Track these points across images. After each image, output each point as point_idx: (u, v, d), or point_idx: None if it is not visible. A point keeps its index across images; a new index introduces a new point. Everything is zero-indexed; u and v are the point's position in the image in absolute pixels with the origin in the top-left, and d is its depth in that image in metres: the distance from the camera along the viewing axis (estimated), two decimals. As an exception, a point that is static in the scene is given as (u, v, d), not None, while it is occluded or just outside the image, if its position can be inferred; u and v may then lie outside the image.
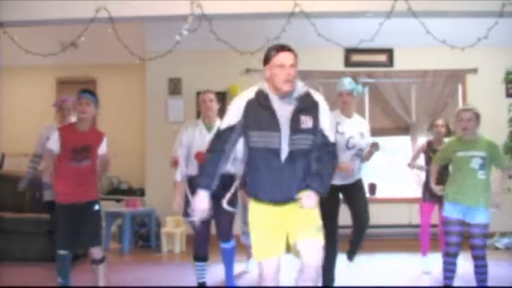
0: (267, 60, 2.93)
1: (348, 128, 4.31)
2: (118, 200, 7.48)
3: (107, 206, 6.98)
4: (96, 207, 4.14)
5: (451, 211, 4.05)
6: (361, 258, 4.40)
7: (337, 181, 4.27)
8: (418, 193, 5.78)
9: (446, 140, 5.06)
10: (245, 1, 5.39)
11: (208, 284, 4.53)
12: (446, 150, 4.22)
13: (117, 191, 7.84)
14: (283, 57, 2.88)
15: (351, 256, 4.50)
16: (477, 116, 4.05)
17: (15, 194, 6.39)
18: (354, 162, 4.31)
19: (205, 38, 5.47)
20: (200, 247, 4.40)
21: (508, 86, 7.11)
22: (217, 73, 7.19)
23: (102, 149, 4.23)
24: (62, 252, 4.07)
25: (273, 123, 2.84)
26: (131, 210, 6.88)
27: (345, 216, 4.40)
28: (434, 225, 5.50)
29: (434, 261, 5.29)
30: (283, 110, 2.87)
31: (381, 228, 6.80)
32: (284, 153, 2.84)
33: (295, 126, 2.85)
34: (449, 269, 4.09)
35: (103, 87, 8.29)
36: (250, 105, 2.90)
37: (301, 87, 2.96)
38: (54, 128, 5.16)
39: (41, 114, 6.15)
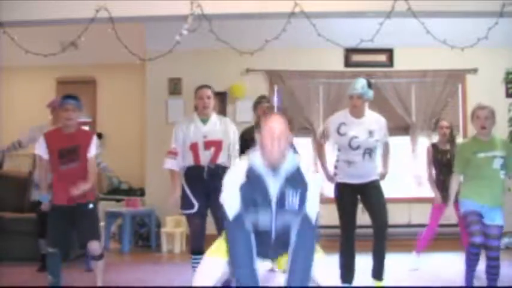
0: (259, 129, 2.82)
1: (353, 128, 4.29)
2: (118, 200, 7.48)
3: (106, 206, 6.98)
4: (90, 206, 4.17)
5: (468, 205, 4.00)
6: (360, 258, 4.40)
7: (351, 180, 4.34)
8: (417, 193, 5.77)
9: (455, 141, 5.05)
10: (245, 1, 5.38)
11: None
12: (464, 153, 4.08)
13: (117, 191, 7.84)
14: (272, 125, 2.77)
15: (377, 273, 4.36)
16: (493, 114, 4.02)
17: (15, 194, 6.40)
18: (366, 161, 4.30)
19: (205, 38, 5.47)
20: (196, 241, 4.42)
21: (508, 86, 7.10)
22: (217, 73, 7.18)
23: (92, 151, 4.15)
24: (51, 249, 4.09)
25: (266, 204, 2.76)
26: (131, 210, 6.88)
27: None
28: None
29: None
30: (274, 187, 2.77)
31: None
32: (274, 231, 2.79)
33: (281, 206, 2.76)
34: (472, 258, 4.04)
35: (103, 87, 8.31)
36: (243, 188, 2.77)
37: (292, 161, 2.82)
38: (44, 127, 5.17)
39: (41, 115, 6.15)
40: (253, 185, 2.76)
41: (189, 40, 5.52)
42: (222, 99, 7.30)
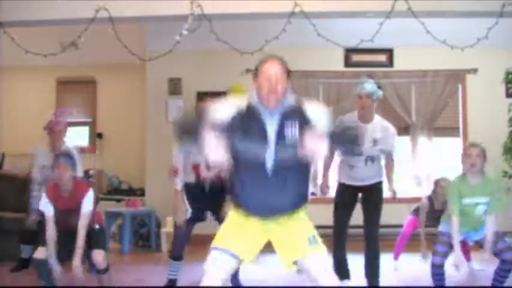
0: (256, 72, 2.79)
1: None
2: (118, 200, 7.48)
3: (106, 206, 6.99)
4: (96, 226, 4.18)
5: (447, 228, 3.98)
6: (360, 258, 4.40)
7: (353, 182, 4.31)
8: (417, 193, 5.77)
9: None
10: (245, 1, 5.39)
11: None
12: (453, 196, 3.97)
13: (117, 191, 7.84)
14: (269, 68, 2.73)
15: (371, 280, 4.28)
16: (484, 152, 3.93)
17: (15, 194, 6.40)
18: (368, 166, 4.25)
19: (205, 38, 5.47)
20: (177, 247, 4.43)
21: (508, 86, 7.10)
22: (217, 73, 7.18)
23: (85, 207, 4.06)
24: (39, 256, 4.02)
25: (260, 136, 2.68)
26: (131, 210, 6.88)
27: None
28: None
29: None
30: (271, 123, 2.71)
31: (381, 228, 6.79)
32: (270, 166, 2.66)
33: (279, 139, 2.68)
34: (438, 278, 4.03)
35: (103, 87, 8.31)
36: (235, 118, 2.72)
37: (290, 99, 2.78)
38: (46, 153, 4.97)
39: (41, 114, 6.15)
40: (247, 116, 2.71)
41: (189, 40, 5.52)
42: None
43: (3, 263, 5.60)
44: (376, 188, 4.34)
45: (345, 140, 2.71)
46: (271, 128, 2.70)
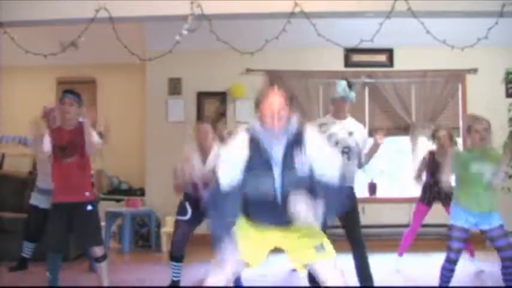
0: (258, 104, 2.84)
1: (333, 127, 4.28)
2: (118, 200, 7.48)
3: (106, 206, 6.99)
4: (89, 207, 4.14)
5: (458, 218, 4.02)
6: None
7: None
8: (417, 193, 5.76)
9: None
10: (245, 1, 5.38)
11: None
12: (458, 161, 4.06)
13: (117, 191, 7.84)
14: (271, 96, 2.81)
15: (365, 281, 4.24)
16: (490, 126, 4.02)
17: (15, 194, 6.40)
18: (343, 163, 4.22)
19: (205, 38, 5.46)
20: (177, 248, 4.49)
21: (508, 86, 7.11)
22: (217, 73, 7.19)
23: (89, 133, 4.12)
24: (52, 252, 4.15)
25: (265, 165, 2.75)
26: (131, 210, 6.88)
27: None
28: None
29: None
30: (276, 150, 2.77)
31: (381, 228, 6.80)
32: (279, 195, 2.75)
33: (288, 167, 2.75)
34: (447, 274, 4.07)
35: (103, 87, 8.31)
36: (248, 161, 2.79)
37: (294, 124, 2.85)
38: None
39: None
40: (255, 152, 2.77)
41: (189, 40, 5.51)
42: (222, 99, 7.31)
43: (3, 263, 5.60)
44: (349, 193, 4.22)
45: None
46: (277, 155, 2.76)
